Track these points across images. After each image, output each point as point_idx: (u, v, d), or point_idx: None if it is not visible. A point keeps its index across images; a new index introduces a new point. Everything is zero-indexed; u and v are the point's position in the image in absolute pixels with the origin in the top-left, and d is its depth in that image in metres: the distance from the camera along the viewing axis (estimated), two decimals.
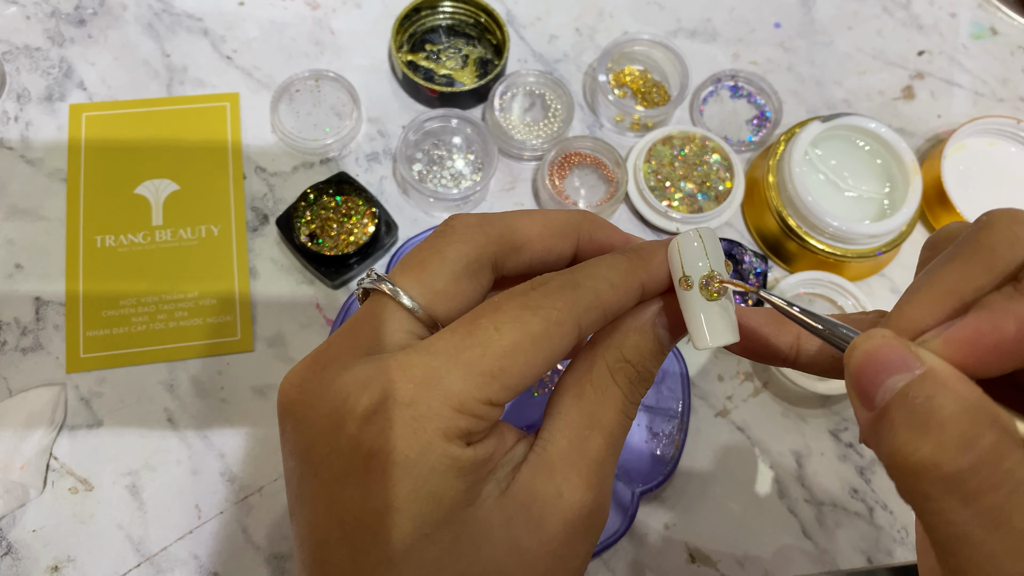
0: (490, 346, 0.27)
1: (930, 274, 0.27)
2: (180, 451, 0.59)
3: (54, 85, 0.69)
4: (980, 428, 0.22)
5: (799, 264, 0.67)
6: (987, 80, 0.77)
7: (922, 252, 0.31)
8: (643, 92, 0.72)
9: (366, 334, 0.30)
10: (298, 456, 0.29)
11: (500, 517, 0.28)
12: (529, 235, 0.32)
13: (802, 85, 0.75)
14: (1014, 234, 0.26)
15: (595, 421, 0.30)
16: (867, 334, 0.25)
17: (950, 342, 0.25)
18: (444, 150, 0.68)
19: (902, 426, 0.22)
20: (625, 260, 0.31)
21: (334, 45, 0.72)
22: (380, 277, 0.30)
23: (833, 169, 0.67)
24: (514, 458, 0.30)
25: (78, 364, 0.61)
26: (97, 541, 0.57)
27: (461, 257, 0.30)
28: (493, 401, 0.27)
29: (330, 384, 0.28)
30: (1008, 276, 0.26)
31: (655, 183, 0.68)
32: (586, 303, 0.29)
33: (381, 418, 0.26)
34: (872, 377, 0.24)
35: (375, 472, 0.26)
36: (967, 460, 0.21)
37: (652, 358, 0.31)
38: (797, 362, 0.33)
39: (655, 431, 0.61)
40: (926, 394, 0.23)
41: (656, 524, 0.60)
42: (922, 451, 0.22)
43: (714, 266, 0.30)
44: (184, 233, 0.65)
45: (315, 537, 0.28)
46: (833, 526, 0.61)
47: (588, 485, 0.29)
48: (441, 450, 0.27)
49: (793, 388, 0.62)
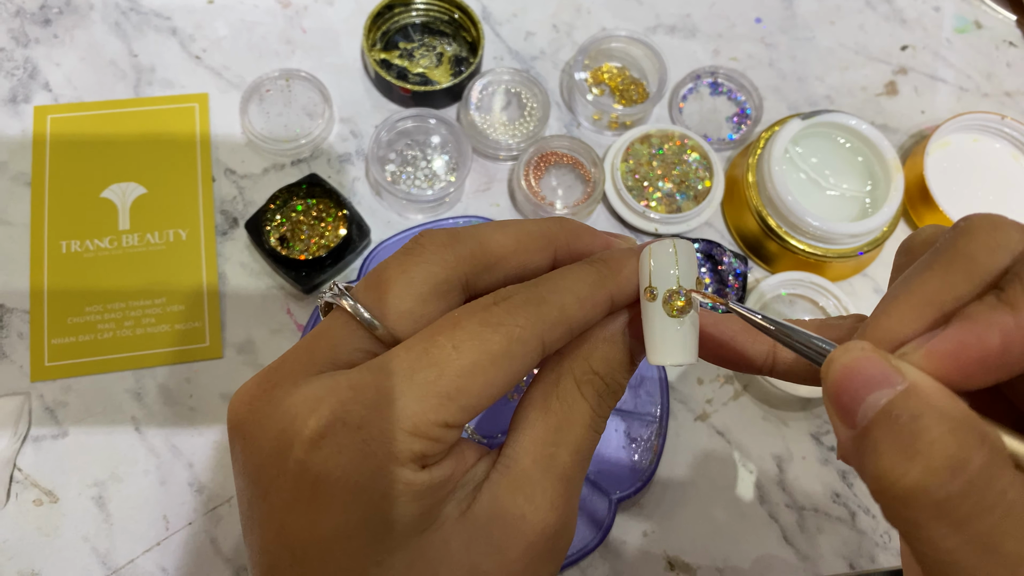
0: (447, 366, 0.26)
1: (908, 282, 0.26)
2: (148, 461, 0.58)
3: (18, 86, 0.67)
4: (969, 450, 0.21)
5: (780, 264, 0.66)
6: (971, 75, 0.76)
7: (897, 257, 0.30)
8: (621, 90, 0.70)
9: (322, 351, 0.28)
10: (247, 477, 0.28)
11: (459, 540, 0.27)
12: (503, 252, 0.31)
13: (783, 81, 0.74)
14: (995, 241, 0.25)
15: (561, 437, 0.29)
16: (844, 347, 0.24)
17: (932, 355, 0.24)
18: (418, 150, 0.67)
19: (887, 449, 0.21)
20: (593, 272, 0.30)
21: (305, 44, 0.71)
22: (342, 292, 0.29)
23: (814, 167, 0.66)
24: (475, 477, 0.29)
25: (43, 373, 0.59)
26: (63, 554, 0.55)
27: (429, 278, 0.29)
28: (450, 423, 0.26)
29: (279, 404, 0.27)
30: (989, 284, 0.25)
31: (633, 183, 0.66)
32: (551, 319, 0.28)
33: (329, 442, 0.25)
34: (852, 393, 0.23)
35: (323, 498, 0.25)
36: (957, 485, 0.20)
37: (621, 370, 0.30)
38: (774, 371, 0.32)
39: (633, 436, 0.59)
40: (911, 413, 0.21)
41: (634, 532, 0.59)
42: (910, 476, 0.21)
43: (683, 281, 0.29)
44: (152, 237, 0.63)
45: (265, 561, 0.27)
46: (815, 531, 0.60)
47: (552, 505, 0.28)
48: (393, 475, 0.25)
49: (774, 391, 0.61)
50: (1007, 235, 0.25)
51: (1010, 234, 0.25)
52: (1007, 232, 0.25)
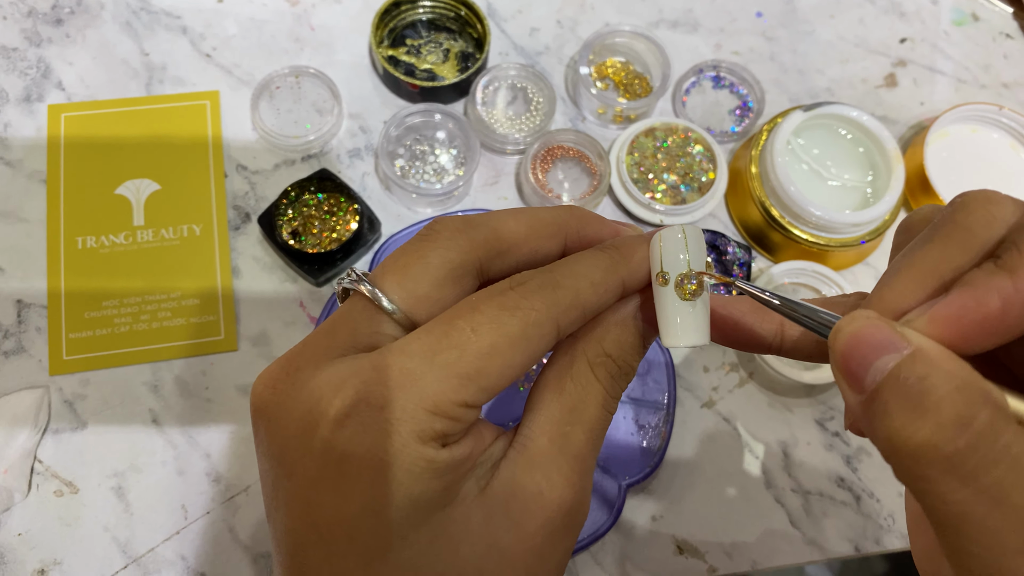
0: (467, 348, 0.27)
1: (909, 255, 0.27)
2: (165, 452, 0.59)
3: (32, 86, 0.68)
4: (975, 407, 0.22)
5: (783, 254, 0.67)
6: (969, 67, 0.77)
7: (896, 236, 0.31)
8: (625, 84, 0.71)
9: (342, 335, 0.29)
10: (272, 459, 0.28)
11: (479, 516, 0.28)
12: (515, 238, 0.32)
13: (784, 74, 0.75)
14: (990, 213, 0.26)
15: (576, 417, 0.30)
16: (850, 316, 0.25)
17: (935, 320, 0.25)
18: (426, 145, 0.68)
19: (897, 409, 0.22)
20: (606, 257, 0.31)
21: (314, 41, 0.72)
22: (360, 277, 0.30)
23: (816, 158, 0.67)
24: (493, 456, 0.30)
25: (61, 366, 0.60)
26: (83, 544, 0.56)
27: (445, 263, 0.30)
28: (469, 403, 0.27)
29: (303, 386, 0.28)
30: (986, 255, 0.26)
31: (638, 175, 0.68)
32: (565, 303, 0.29)
33: (354, 421, 0.26)
34: (860, 359, 0.24)
35: (349, 476, 0.26)
36: (965, 440, 0.21)
37: (633, 352, 0.31)
38: (782, 349, 0.33)
39: (641, 423, 0.61)
40: (918, 374, 0.23)
41: (643, 516, 0.60)
42: (920, 433, 0.22)
43: (694, 265, 0.30)
44: (166, 233, 0.64)
45: (291, 540, 0.28)
46: (820, 515, 0.61)
47: (569, 482, 0.29)
48: (416, 452, 0.26)
49: (779, 378, 0.62)
50: (1002, 208, 0.27)
51: (1005, 206, 0.27)
52: (1002, 205, 0.27)
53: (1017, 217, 0.26)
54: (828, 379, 0.61)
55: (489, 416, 0.61)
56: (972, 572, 0.22)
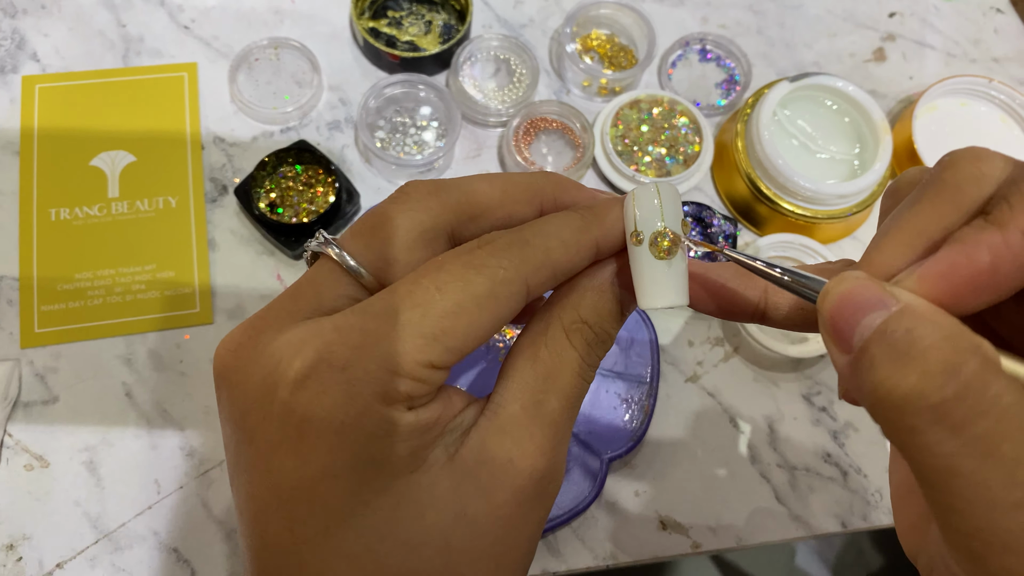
0: (431, 307, 0.26)
1: (897, 217, 0.26)
2: (138, 426, 0.58)
3: (6, 57, 0.67)
4: (963, 355, 0.21)
5: (770, 227, 0.66)
6: (959, 41, 0.76)
7: (883, 200, 0.31)
8: (610, 56, 0.70)
9: (307, 298, 0.28)
10: (234, 423, 0.27)
11: (447, 483, 0.27)
12: (488, 202, 0.31)
13: (772, 48, 0.74)
14: (979, 170, 0.26)
15: (550, 384, 0.29)
16: (839, 277, 0.24)
17: (925, 278, 0.24)
18: (407, 117, 0.67)
19: (883, 360, 0.22)
20: (578, 217, 0.30)
21: (294, 13, 0.71)
22: (328, 240, 0.29)
23: (802, 130, 0.66)
24: (464, 423, 0.29)
25: (33, 339, 0.59)
26: (54, 518, 0.55)
27: (415, 225, 0.29)
28: (435, 364, 0.26)
29: (264, 349, 0.27)
30: (975, 212, 0.25)
31: (623, 147, 0.67)
32: (535, 261, 0.28)
33: (314, 382, 0.25)
34: (848, 318, 0.23)
35: (309, 439, 0.25)
36: (952, 388, 0.20)
37: (611, 319, 0.30)
38: (766, 316, 0.32)
39: (624, 397, 0.60)
40: (905, 327, 0.22)
41: (626, 491, 0.59)
42: (906, 382, 0.21)
43: (669, 223, 0.29)
44: (141, 205, 0.63)
45: (253, 506, 0.27)
46: (806, 491, 0.60)
47: (541, 450, 0.28)
48: (379, 415, 0.25)
49: (765, 352, 0.61)
50: (991, 164, 0.26)
51: (993, 163, 0.26)
52: (990, 161, 0.26)
53: (1007, 172, 0.25)
54: (814, 353, 0.60)
55: (471, 389, 0.60)
56: (960, 530, 0.21)
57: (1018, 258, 0.23)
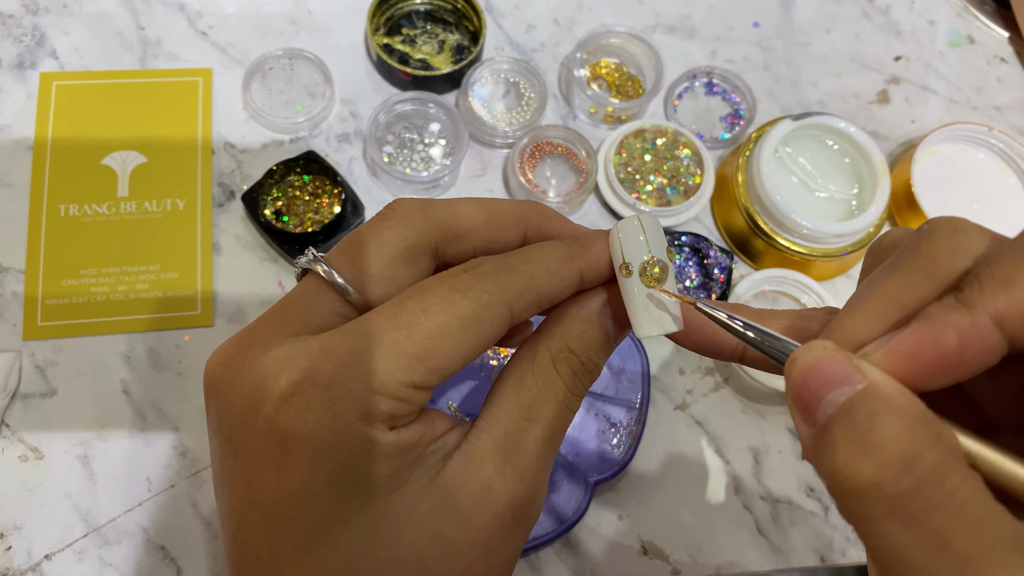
0: (416, 328, 0.27)
1: (872, 284, 0.27)
2: (134, 423, 0.59)
3: (26, 53, 0.68)
4: (922, 447, 0.21)
5: (765, 262, 0.67)
6: (962, 88, 0.77)
7: (865, 258, 0.31)
8: (618, 85, 0.72)
9: (295, 314, 0.29)
10: (220, 436, 0.28)
11: (426, 505, 0.27)
12: (473, 224, 0.31)
13: (778, 85, 0.75)
14: (955, 243, 0.26)
15: (534, 412, 0.30)
16: (807, 346, 0.25)
17: (891, 354, 0.24)
18: (415, 133, 0.68)
19: (843, 445, 0.22)
20: (564, 247, 0.31)
21: (310, 25, 0.72)
22: (316, 257, 0.30)
23: (802, 168, 0.67)
24: (446, 445, 0.29)
25: (35, 332, 0.60)
26: (45, 510, 0.56)
27: (400, 241, 0.30)
28: (418, 384, 0.27)
29: (252, 364, 0.27)
30: (949, 286, 0.25)
31: (625, 175, 0.68)
32: (519, 287, 0.29)
33: (298, 400, 0.26)
34: (813, 391, 0.23)
35: (291, 455, 0.26)
36: (908, 481, 0.21)
37: (598, 349, 0.31)
38: (744, 359, 0.32)
39: (612, 422, 0.60)
40: (868, 410, 0.22)
41: (609, 515, 0.60)
42: (864, 471, 0.21)
43: (654, 252, 0.30)
44: (149, 205, 0.64)
45: (234, 518, 0.28)
46: (788, 524, 0.61)
47: (522, 478, 0.29)
48: (361, 434, 0.26)
49: (754, 385, 0.62)
50: (968, 238, 0.26)
51: (971, 236, 0.26)
52: (968, 235, 0.26)
53: (983, 247, 0.25)
54: None
55: (461, 407, 0.61)
56: None
57: (985, 341, 0.23)
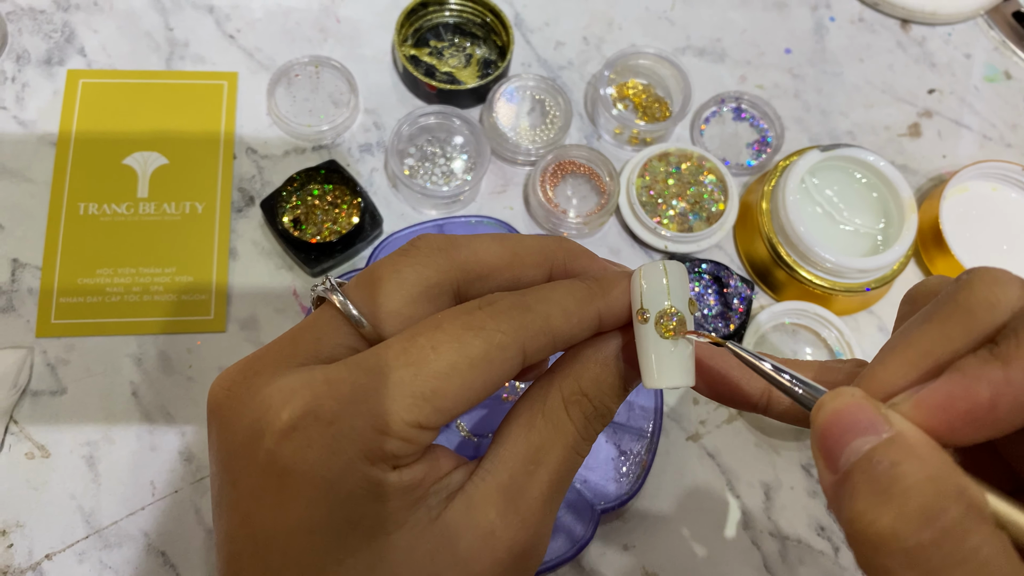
0: (424, 366, 0.26)
1: (906, 334, 0.26)
2: (141, 426, 0.59)
3: (54, 49, 0.69)
4: (945, 500, 0.20)
5: (786, 293, 0.66)
6: (996, 124, 0.75)
7: (901, 306, 0.30)
8: (644, 106, 0.71)
9: (306, 344, 0.29)
10: (220, 463, 0.28)
11: (425, 548, 0.27)
12: (497, 263, 0.30)
13: (807, 113, 0.74)
14: (994, 296, 0.25)
15: (542, 456, 0.29)
16: (835, 392, 0.24)
17: (920, 406, 0.23)
18: (438, 147, 0.67)
19: (863, 492, 0.21)
20: (583, 288, 0.30)
21: (338, 33, 0.72)
22: (334, 286, 0.29)
23: (828, 200, 0.66)
24: (450, 485, 0.28)
25: (48, 329, 0.60)
26: (48, 509, 0.56)
27: (421, 280, 0.29)
28: (423, 424, 0.26)
29: (256, 392, 0.27)
30: (985, 339, 0.24)
31: (647, 199, 0.67)
32: (534, 328, 0.28)
33: (300, 435, 0.25)
34: (838, 438, 0.23)
35: (288, 490, 0.25)
36: (929, 534, 0.20)
37: (612, 394, 0.30)
38: (768, 410, 0.31)
39: (623, 449, 0.59)
40: (891, 460, 0.21)
41: (615, 545, 0.59)
42: (882, 521, 0.21)
43: (675, 303, 0.29)
44: (168, 207, 0.64)
45: (229, 548, 0.27)
46: (796, 562, 0.60)
47: (524, 524, 0.28)
48: (361, 473, 0.25)
49: (769, 420, 0.61)
50: (1007, 291, 0.25)
51: (1010, 290, 0.25)
52: (1007, 288, 0.25)
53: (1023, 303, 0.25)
54: None
55: (473, 428, 0.60)
56: None
57: (1019, 398, 0.22)
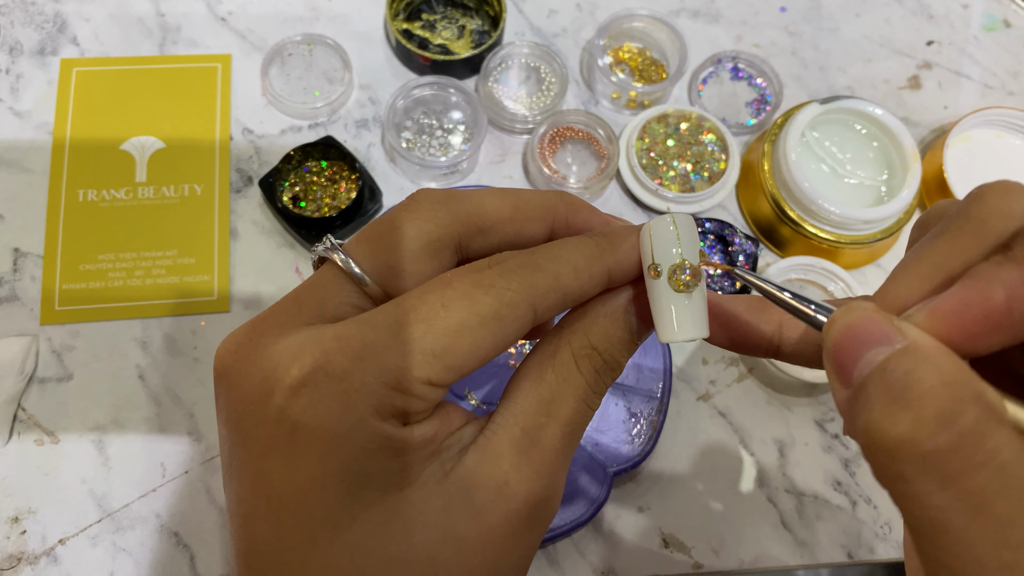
0: (435, 323, 0.26)
1: (918, 249, 0.26)
2: (149, 408, 0.58)
3: (47, 39, 0.68)
4: (962, 403, 0.20)
5: (792, 249, 0.65)
6: (997, 73, 0.75)
7: (912, 233, 0.30)
8: (640, 70, 0.70)
9: (310, 303, 0.28)
10: (229, 425, 0.27)
11: (438, 502, 0.26)
12: (499, 217, 0.30)
13: (805, 70, 0.73)
14: (1007, 205, 0.25)
15: (553, 409, 0.29)
16: (847, 307, 0.24)
17: (935, 314, 0.23)
18: (434, 119, 0.67)
19: (878, 401, 0.21)
20: (592, 244, 0.29)
21: (330, 11, 0.72)
22: (334, 245, 0.29)
23: (830, 153, 0.65)
24: (462, 440, 0.28)
25: (52, 316, 0.60)
26: (60, 494, 0.56)
27: (422, 235, 0.29)
28: (434, 381, 0.26)
29: (263, 352, 0.26)
30: (999, 248, 0.24)
31: (647, 161, 0.66)
32: (544, 285, 0.28)
33: (310, 391, 0.25)
34: (850, 351, 0.22)
35: (300, 447, 0.25)
36: (946, 438, 0.19)
37: (621, 347, 0.30)
38: (780, 351, 0.31)
39: (633, 411, 0.59)
40: (905, 368, 0.21)
41: (630, 506, 0.58)
42: (898, 427, 0.20)
43: (686, 255, 0.28)
44: (167, 191, 0.64)
45: (242, 509, 0.27)
46: (813, 518, 0.59)
47: (538, 476, 0.28)
48: (373, 428, 0.25)
49: (779, 376, 0.61)
50: (1019, 199, 0.25)
51: (1022, 198, 0.25)
52: (1019, 196, 0.25)
53: None
54: None
55: (484, 399, 0.60)
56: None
57: None
